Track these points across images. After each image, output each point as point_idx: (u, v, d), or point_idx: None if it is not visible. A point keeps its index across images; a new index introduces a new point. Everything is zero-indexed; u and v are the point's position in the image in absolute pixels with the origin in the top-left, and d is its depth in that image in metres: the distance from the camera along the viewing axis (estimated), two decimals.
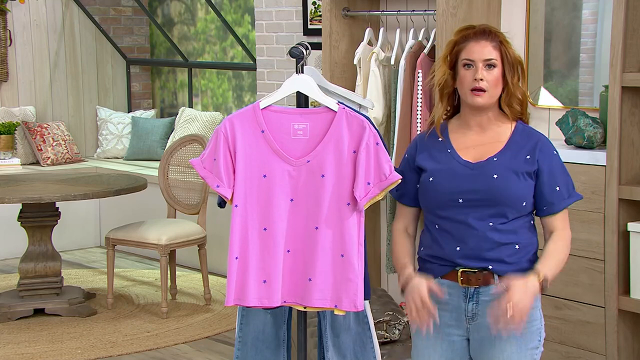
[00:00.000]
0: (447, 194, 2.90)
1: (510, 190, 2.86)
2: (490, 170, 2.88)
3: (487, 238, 2.87)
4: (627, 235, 4.08)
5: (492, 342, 2.90)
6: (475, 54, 2.87)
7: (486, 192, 2.86)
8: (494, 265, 2.88)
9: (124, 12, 8.82)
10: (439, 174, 2.93)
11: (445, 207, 2.90)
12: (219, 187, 3.09)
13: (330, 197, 3.06)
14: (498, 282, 2.87)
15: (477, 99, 2.88)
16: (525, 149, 2.91)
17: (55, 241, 6.08)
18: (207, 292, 6.17)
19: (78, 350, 5.30)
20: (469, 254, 2.88)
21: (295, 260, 3.11)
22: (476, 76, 2.86)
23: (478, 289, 2.90)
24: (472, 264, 2.88)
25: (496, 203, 2.86)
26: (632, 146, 4.11)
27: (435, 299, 2.89)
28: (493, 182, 2.87)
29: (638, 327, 4.18)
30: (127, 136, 8.34)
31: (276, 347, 3.53)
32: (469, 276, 2.89)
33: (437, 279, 2.94)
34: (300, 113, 3.11)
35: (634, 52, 4.05)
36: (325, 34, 5.32)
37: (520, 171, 2.88)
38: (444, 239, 2.92)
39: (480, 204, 2.87)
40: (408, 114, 4.97)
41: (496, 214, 2.87)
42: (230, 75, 8.33)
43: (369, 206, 3.10)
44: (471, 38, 2.88)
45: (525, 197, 2.89)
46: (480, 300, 2.90)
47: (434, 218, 2.95)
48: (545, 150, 2.92)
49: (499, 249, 2.87)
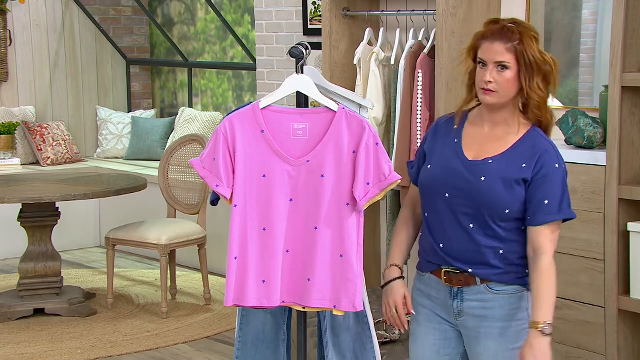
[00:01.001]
0: (437, 186, 2.89)
1: (492, 196, 2.82)
2: (480, 172, 2.85)
3: (470, 239, 2.86)
4: (627, 235, 4.08)
5: (477, 340, 2.93)
6: (487, 55, 2.83)
7: (469, 193, 2.85)
8: (474, 268, 2.87)
9: (124, 12, 8.82)
10: (436, 163, 2.93)
11: (434, 199, 2.91)
12: (219, 187, 3.09)
13: (330, 197, 3.06)
14: (480, 284, 2.88)
15: (486, 97, 2.85)
16: (524, 157, 2.85)
17: (55, 241, 6.08)
18: (207, 292, 6.17)
19: (78, 350, 5.30)
20: (451, 254, 2.89)
21: (295, 260, 3.11)
22: (485, 77, 2.83)
23: (462, 289, 2.91)
24: (454, 263, 2.89)
25: (478, 206, 2.84)
26: (632, 146, 4.11)
27: (429, 293, 2.97)
28: (479, 184, 2.84)
29: (638, 327, 4.18)
30: (127, 136, 8.34)
31: (276, 347, 3.53)
32: (451, 276, 2.91)
33: (427, 274, 2.98)
34: (300, 113, 3.11)
35: (634, 52, 4.05)
36: (325, 34, 5.32)
37: (510, 179, 2.83)
38: (431, 231, 2.93)
39: (463, 203, 2.85)
40: (408, 114, 4.97)
41: (478, 217, 2.85)
42: (230, 75, 8.33)
43: (369, 206, 3.10)
44: (487, 38, 2.83)
45: (508, 205, 2.83)
46: (465, 299, 2.91)
47: (424, 206, 2.97)
48: (545, 162, 2.84)
49: (482, 252, 2.86)
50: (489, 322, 2.90)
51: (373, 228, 5.56)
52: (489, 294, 2.89)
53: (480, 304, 2.90)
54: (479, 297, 2.89)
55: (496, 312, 2.89)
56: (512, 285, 2.89)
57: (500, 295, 2.88)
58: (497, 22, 2.88)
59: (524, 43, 2.81)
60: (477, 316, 2.90)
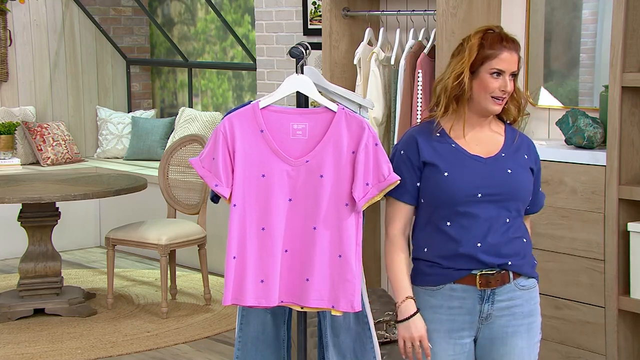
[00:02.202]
0: (465, 189, 2.87)
1: (523, 184, 2.92)
2: (503, 165, 2.91)
3: (504, 233, 2.89)
4: (627, 235, 4.08)
5: (504, 340, 2.93)
6: (507, 65, 2.87)
7: (502, 186, 2.89)
8: (512, 260, 2.90)
9: (124, 12, 8.82)
10: (453, 168, 2.90)
11: (463, 203, 2.88)
12: (218, 186, 3.09)
13: (329, 198, 3.06)
14: (512, 280, 2.91)
15: (497, 107, 2.91)
16: (522, 148, 2.96)
17: (55, 241, 6.08)
18: (207, 292, 6.17)
19: (78, 350, 5.30)
20: (490, 250, 2.88)
21: (293, 260, 3.11)
22: (505, 88, 2.87)
23: (494, 290, 2.90)
24: (493, 260, 2.88)
25: (511, 198, 2.89)
26: (632, 146, 4.11)
27: (448, 305, 2.92)
28: (508, 176, 2.90)
29: (638, 327, 4.18)
30: (127, 136, 8.34)
31: (276, 347, 3.53)
32: (489, 278, 2.89)
33: (448, 285, 2.92)
34: (300, 113, 3.11)
35: (634, 52, 4.05)
36: (325, 34, 5.32)
37: (527, 167, 2.95)
38: (462, 236, 2.88)
39: (496, 199, 2.88)
40: (408, 114, 4.97)
41: (510, 209, 2.90)
42: (230, 75, 8.33)
43: (368, 207, 3.10)
44: (505, 48, 2.87)
45: (531, 192, 2.97)
46: (496, 301, 2.91)
47: (447, 214, 2.90)
48: (535, 151, 3.01)
49: (513, 244, 2.91)
50: (516, 320, 2.92)
51: (373, 228, 5.56)
52: (518, 290, 2.93)
53: (509, 302, 2.92)
54: (509, 296, 2.92)
55: (524, 308, 2.93)
56: (532, 278, 2.97)
57: (525, 291, 2.94)
58: (492, 30, 2.92)
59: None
60: (505, 316, 2.92)
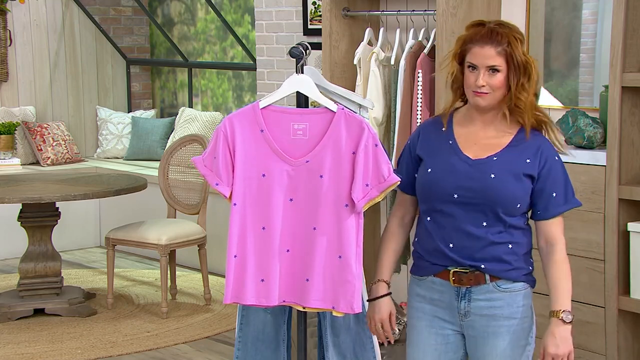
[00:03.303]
0: (442, 188, 2.88)
1: (506, 191, 2.85)
2: (488, 169, 2.87)
3: (480, 237, 2.87)
4: (627, 235, 4.08)
5: (485, 340, 2.92)
6: (479, 60, 2.84)
7: (481, 191, 2.85)
8: (486, 264, 2.88)
9: (124, 12, 8.82)
10: (437, 166, 2.92)
11: (439, 201, 2.90)
12: (218, 185, 3.09)
13: (329, 198, 3.06)
14: (489, 282, 2.89)
15: (479, 100, 2.87)
16: (527, 152, 2.89)
17: (55, 241, 6.08)
18: (207, 292, 6.17)
19: (78, 350, 5.30)
20: (461, 253, 2.88)
21: (294, 260, 3.11)
22: (477, 82, 2.84)
23: (470, 289, 2.91)
24: (464, 261, 2.88)
25: (490, 203, 2.85)
26: (632, 146, 4.11)
27: (431, 296, 2.95)
28: (490, 181, 2.85)
29: (638, 327, 4.18)
30: (127, 136, 8.34)
31: (276, 347, 3.54)
32: (461, 276, 2.90)
33: (430, 277, 2.96)
34: (300, 113, 3.11)
35: (634, 52, 4.05)
36: (325, 34, 5.32)
37: (519, 173, 2.87)
38: (437, 233, 2.91)
39: (474, 202, 2.86)
40: (408, 114, 4.97)
41: (490, 213, 2.86)
42: (230, 75, 8.33)
43: (369, 207, 3.09)
44: (477, 42, 2.84)
45: (520, 200, 2.88)
46: (473, 299, 2.91)
47: (427, 210, 2.95)
48: (547, 154, 2.90)
49: (493, 248, 2.88)
50: (497, 321, 2.91)
51: (373, 228, 5.56)
52: (497, 292, 2.90)
53: (488, 303, 2.90)
54: (487, 296, 2.90)
55: (504, 310, 2.90)
56: (518, 282, 2.92)
57: (508, 293, 2.91)
58: (483, 24, 2.89)
59: (512, 45, 2.84)
60: (484, 315, 2.91)
